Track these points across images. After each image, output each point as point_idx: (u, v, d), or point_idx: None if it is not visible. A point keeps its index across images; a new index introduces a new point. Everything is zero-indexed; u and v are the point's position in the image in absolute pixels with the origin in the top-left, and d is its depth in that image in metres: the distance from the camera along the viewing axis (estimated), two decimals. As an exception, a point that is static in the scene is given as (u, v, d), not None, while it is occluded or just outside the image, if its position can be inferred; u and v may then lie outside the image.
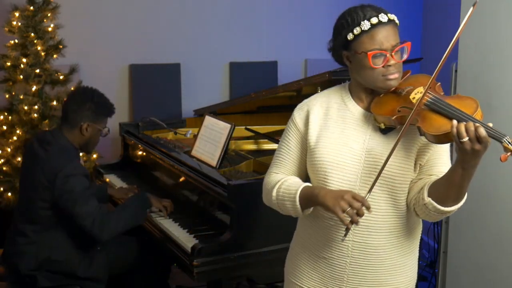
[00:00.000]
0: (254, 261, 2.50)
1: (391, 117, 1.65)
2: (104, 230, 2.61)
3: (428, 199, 1.62)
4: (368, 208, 1.57)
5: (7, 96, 3.67)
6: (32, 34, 3.62)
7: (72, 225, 2.64)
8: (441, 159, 1.72)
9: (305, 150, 1.81)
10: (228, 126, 2.87)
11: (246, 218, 2.48)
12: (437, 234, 3.38)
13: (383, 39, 1.64)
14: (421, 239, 3.82)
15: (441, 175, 1.65)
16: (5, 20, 3.66)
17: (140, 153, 3.57)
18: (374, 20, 1.64)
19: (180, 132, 3.51)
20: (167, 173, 3.16)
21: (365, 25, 1.64)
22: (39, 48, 3.63)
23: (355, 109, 1.77)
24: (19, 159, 3.65)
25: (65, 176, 2.57)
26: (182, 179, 2.96)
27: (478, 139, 1.45)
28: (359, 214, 1.56)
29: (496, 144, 1.47)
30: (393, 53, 1.65)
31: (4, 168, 3.73)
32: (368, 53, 1.64)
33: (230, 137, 2.85)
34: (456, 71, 2.83)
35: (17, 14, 3.62)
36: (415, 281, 1.88)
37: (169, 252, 2.65)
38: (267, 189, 1.83)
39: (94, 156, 3.85)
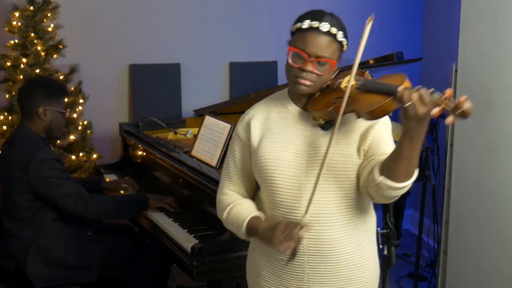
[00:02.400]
0: (254, 261, 2.49)
1: (328, 109, 1.67)
2: (89, 207, 2.65)
3: (380, 177, 1.59)
4: (304, 226, 1.62)
5: (7, 96, 3.66)
6: (32, 34, 3.61)
7: (57, 213, 2.66)
8: (383, 140, 1.72)
9: (250, 156, 1.83)
10: (228, 126, 2.87)
11: (246, 218, 2.48)
12: (437, 234, 3.38)
13: (311, 44, 1.66)
14: (421, 239, 3.82)
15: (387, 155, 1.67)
16: (5, 20, 3.65)
17: (140, 153, 3.57)
18: (314, 24, 1.67)
19: (180, 132, 3.51)
20: (167, 173, 3.16)
21: (305, 24, 1.68)
22: (39, 48, 3.62)
23: (294, 110, 1.80)
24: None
25: (38, 163, 2.58)
26: (182, 179, 2.95)
27: (421, 100, 1.43)
28: (296, 237, 1.60)
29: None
30: (314, 61, 1.67)
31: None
32: (290, 47, 1.70)
33: (230, 137, 2.85)
34: (456, 71, 2.83)
35: (17, 14, 3.61)
36: (378, 276, 1.89)
37: (169, 252, 2.65)
38: (219, 208, 1.90)
39: (94, 156, 3.85)
